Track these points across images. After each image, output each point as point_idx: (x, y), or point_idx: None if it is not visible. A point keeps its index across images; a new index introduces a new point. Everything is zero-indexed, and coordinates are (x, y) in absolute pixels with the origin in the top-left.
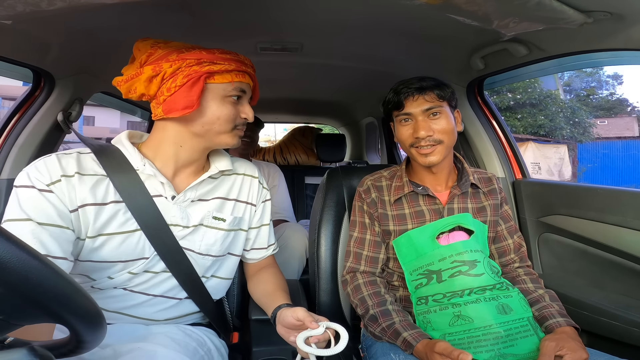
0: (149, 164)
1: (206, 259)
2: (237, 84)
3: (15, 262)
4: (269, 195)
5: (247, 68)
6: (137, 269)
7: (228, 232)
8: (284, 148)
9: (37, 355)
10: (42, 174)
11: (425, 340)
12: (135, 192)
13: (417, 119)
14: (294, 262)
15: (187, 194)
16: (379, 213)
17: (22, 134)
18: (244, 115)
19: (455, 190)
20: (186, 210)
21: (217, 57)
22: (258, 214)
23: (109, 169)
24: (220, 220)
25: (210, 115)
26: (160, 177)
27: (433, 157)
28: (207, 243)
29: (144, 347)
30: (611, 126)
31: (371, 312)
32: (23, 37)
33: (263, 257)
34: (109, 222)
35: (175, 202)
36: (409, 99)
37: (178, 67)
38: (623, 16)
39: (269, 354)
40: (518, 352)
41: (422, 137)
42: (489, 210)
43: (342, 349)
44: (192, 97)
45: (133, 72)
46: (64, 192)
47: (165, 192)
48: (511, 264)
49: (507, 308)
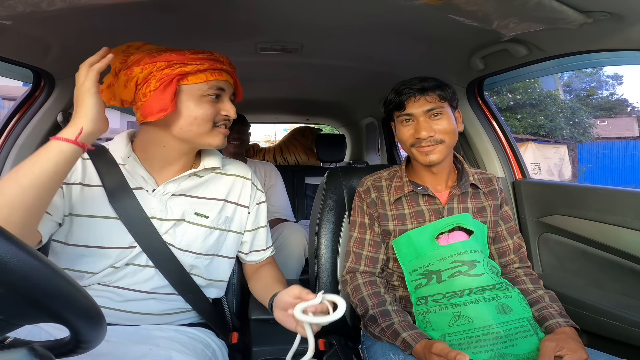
0: (133, 158)
1: (187, 255)
2: (213, 82)
3: (15, 262)
4: (263, 197)
5: (222, 65)
6: (119, 262)
7: (211, 230)
8: (284, 148)
9: (37, 355)
10: None
11: (423, 341)
12: (113, 181)
13: (418, 119)
14: (293, 262)
15: (167, 187)
16: (379, 213)
17: (22, 134)
18: (224, 113)
19: (455, 190)
20: (166, 203)
21: (188, 58)
22: (252, 217)
23: (95, 158)
24: (203, 216)
25: (187, 116)
26: (141, 170)
27: (434, 156)
28: (188, 239)
29: (157, 352)
30: (611, 126)
31: (371, 313)
32: (23, 37)
33: (262, 258)
34: (91, 203)
35: (155, 195)
36: (410, 100)
37: (150, 72)
38: (623, 16)
39: (268, 354)
40: (518, 352)
41: (423, 138)
42: (489, 211)
43: (339, 316)
44: (166, 100)
45: (110, 80)
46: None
47: (147, 185)
48: (511, 264)
49: (506, 308)
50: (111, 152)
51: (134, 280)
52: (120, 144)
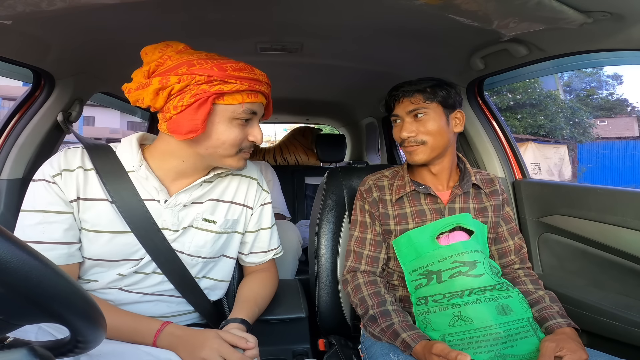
0: (145, 167)
1: (196, 260)
2: (248, 105)
3: (15, 262)
4: (269, 198)
5: (261, 87)
6: (126, 270)
7: (219, 235)
8: (284, 148)
9: (37, 355)
10: (51, 167)
11: (423, 342)
12: (125, 194)
13: (404, 120)
14: (287, 262)
15: (178, 198)
16: (380, 212)
17: (22, 134)
18: (252, 139)
19: (457, 190)
20: (178, 214)
21: (228, 75)
22: (255, 217)
23: (99, 167)
24: (211, 222)
25: (216, 140)
26: (154, 181)
27: (417, 157)
28: (197, 245)
29: (157, 352)
30: (611, 126)
31: (371, 313)
32: (23, 37)
33: (262, 261)
34: (97, 219)
35: (167, 206)
36: (397, 102)
37: (186, 85)
38: (623, 16)
39: (269, 354)
40: (518, 353)
41: (404, 138)
42: (490, 211)
43: None
44: (197, 120)
45: (141, 82)
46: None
47: (159, 195)
48: (511, 265)
49: (507, 309)
50: (119, 157)
51: (139, 285)
52: (129, 151)
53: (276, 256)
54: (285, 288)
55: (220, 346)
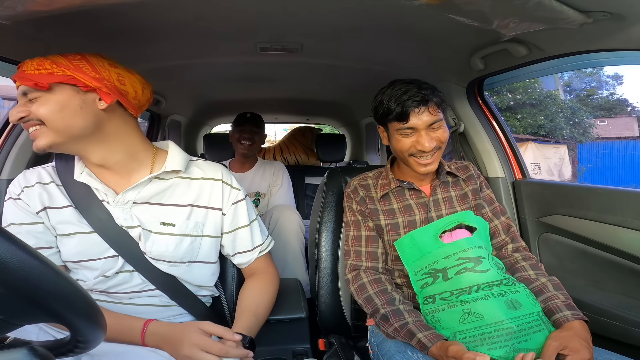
0: (86, 173)
1: (161, 264)
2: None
3: (15, 262)
4: (241, 194)
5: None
6: (109, 272)
7: (181, 237)
8: (284, 148)
9: (37, 355)
10: (14, 186)
11: (439, 342)
12: (82, 198)
13: (420, 131)
14: (292, 242)
15: (126, 195)
16: (370, 209)
17: (22, 134)
18: None
19: (435, 182)
20: (130, 211)
21: None
22: (229, 218)
23: (62, 177)
24: (169, 225)
25: None
26: (96, 184)
27: (432, 167)
28: (159, 249)
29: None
30: (611, 126)
31: (382, 312)
32: (23, 37)
33: (250, 260)
34: (65, 223)
35: (117, 204)
36: (414, 112)
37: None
38: (623, 16)
39: (268, 353)
40: (533, 347)
41: (427, 151)
42: (470, 196)
43: None
44: None
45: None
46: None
47: (107, 197)
48: (504, 245)
49: (516, 303)
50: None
51: (127, 287)
52: (78, 158)
53: (264, 251)
54: (285, 288)
55: (198, 340)
